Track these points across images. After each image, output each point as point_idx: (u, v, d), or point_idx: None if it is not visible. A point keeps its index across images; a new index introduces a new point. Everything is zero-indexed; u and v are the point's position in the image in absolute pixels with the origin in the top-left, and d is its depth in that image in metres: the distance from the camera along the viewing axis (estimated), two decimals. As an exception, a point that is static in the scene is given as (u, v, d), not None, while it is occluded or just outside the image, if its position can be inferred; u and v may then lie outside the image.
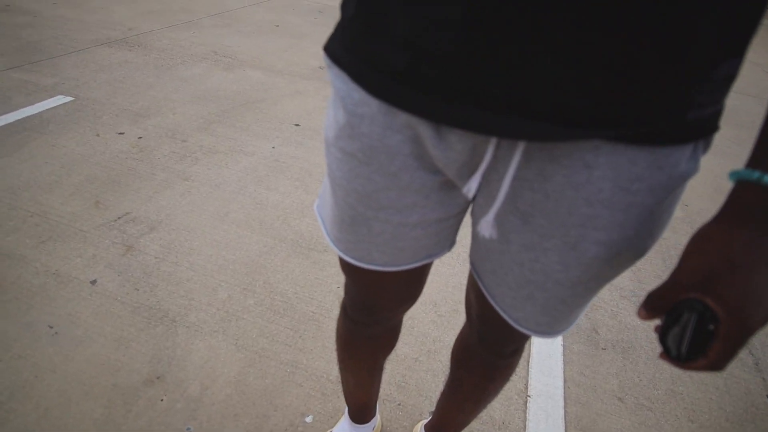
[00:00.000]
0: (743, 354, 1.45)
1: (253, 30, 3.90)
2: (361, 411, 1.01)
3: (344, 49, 0.45)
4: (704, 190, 2.36)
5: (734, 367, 1.40)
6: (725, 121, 3.26)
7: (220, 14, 4.22)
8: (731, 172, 0.37)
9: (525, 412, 1.20)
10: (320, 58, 3.46)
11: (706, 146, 0.43)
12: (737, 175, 0.37)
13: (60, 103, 2.39)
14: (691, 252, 0.38)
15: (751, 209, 0.35)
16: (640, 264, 1.78)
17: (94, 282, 1.42)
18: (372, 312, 0.71)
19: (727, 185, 2.44)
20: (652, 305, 0.40)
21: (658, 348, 1.43)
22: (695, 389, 1.32)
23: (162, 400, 1.13)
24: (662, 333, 0.40)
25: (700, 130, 0.40)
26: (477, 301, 0.63)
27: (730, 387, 1.34)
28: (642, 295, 1.63)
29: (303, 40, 3.81)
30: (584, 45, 0.34)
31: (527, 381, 1.28)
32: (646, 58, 0.34)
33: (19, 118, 2.22)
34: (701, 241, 0.37)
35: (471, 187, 0.46)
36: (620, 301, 1.60)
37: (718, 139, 2.98)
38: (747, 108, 3.59)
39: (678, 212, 2.13)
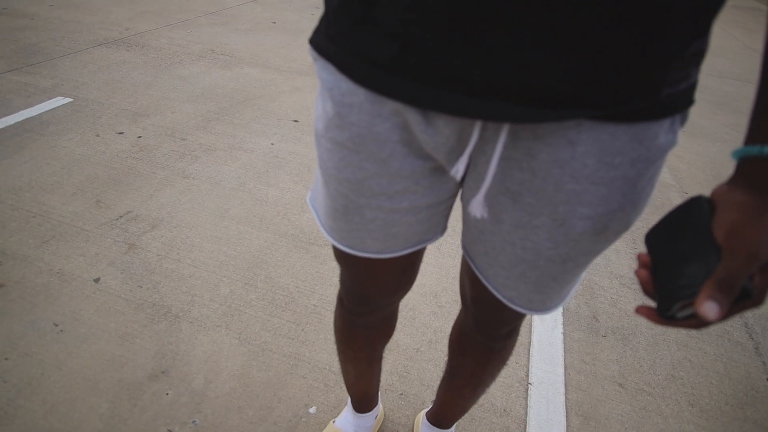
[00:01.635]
0: (743, 338, 1.46)
1: (250, 27, 3.90)
2: (363, 401, 1.02)
3: (330, 41, 0.46)
4: (704, 177, 2.36)
5: (734, 351, 1.41)
6: (723, 108, 3.26)
7: (216, 12, 4.22)
8: (733, 152, 0.39)
9: (526, 399, 1.22)
10: (317, 54, 3.46)
11: (683, 119, 0.44)
12: (740, 153, 0.38)
13: (59, 104, 2.40)
14: (749, 232, 0.36)
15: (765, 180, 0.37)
16: (640, 250, 1.79)
17: (97, 280, 1.43)
18: (368, 301, 0.72)
19: (726, 172, 2.44)
20: (728, 295, 0.36)
21: (657, 333, 1.44)
22: (695, 374, 1.33)
23: (167, 394, 1.14)
24: (674, 295, 0.39)
25: (676, 105, 0.41)
26: (471, 284, 0.64)
27: (730, 371, 1.35)
28: (642, 282, 1.64)
29: (300, 37, 3.81)
30: (564, 31, 0.35)
31: (528, 369, 1.29)
32: (623, 43, 0.36)
33: (19, 120, 2.23)
34: (757, 222, 0.36)
35: (459, 168, 0.48)
36: (620, 288, 1.60)
37: (717, 125, 2.98)
38: (745, 94, 3.58)
39: (677, 199, 2.14)
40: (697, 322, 0.39)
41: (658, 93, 0.39)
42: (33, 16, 3.62)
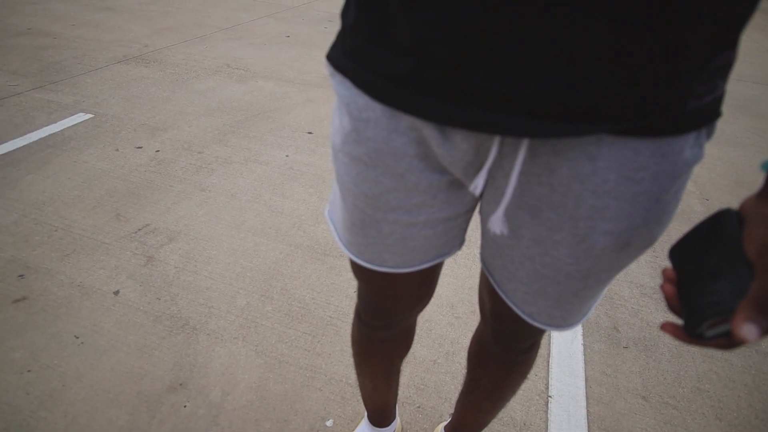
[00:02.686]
0: (772, 349, 1.41)
1: (264, 41, 3.96)
2: (381, 414, 1.01)
3: (346, 57, 0.46)
4: (725, 183, 2.31)
5: (763, 362, 1.36)
6: (744, 113, 3.19)
7: (232, 28, 4.30)
8: (763, 163, 0.37)
9: (546, 412, 1.19)
10: (331, 66, 3.49)
11: (710, 133, 0.43)
12: None
13: (80, 120, 2.46)
14: None
15: None
16: (661, 260, 1.75)
17: (116, 292, 1.45)
18: (386, 315, 0.72)
19: (748, 178, 2.38)
20: (766, 316, 0.33)
21: (681, 344, 1.40)
22: (722, 387, 1.28)
23: (185, 406, 1.15)
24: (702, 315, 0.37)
25: (701, 118, 0.40)
26: (489, 298, 0.63)
27: (759, 384, 1.30)
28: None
29: (313, 50, 3.85)
30: (584, 43, 0.34)
31: (548, 381, 1.27)
32: (645, 55, 0.35)
33: (43, 136, 2.29)
34: None
35: (478, 185, 0.47)
36: (641, 298, 1.57)
37: (738, 130, 2.92)
38: (766, 98, 3.51)
39: (698, 206, 2.09)
40: (727, 342, 0.37)
41: (682, 106, 0.38)
42: (56, 35, 3.73)
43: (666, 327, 0.40)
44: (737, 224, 0.38)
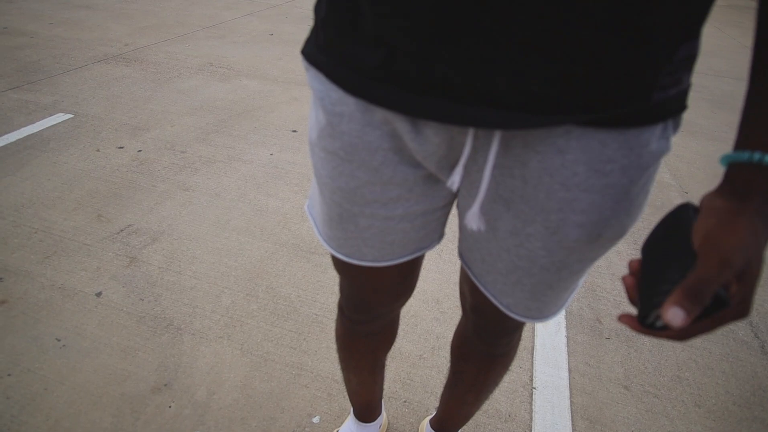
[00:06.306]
0: (749, 337, 1.45)
1: (247, 40, 3.93)
2: (367, 410, 1.01)
3: (319, 51, 0.47)
4: (704, 176, 2.36)
5: (740, 350, 1.40)
6: (722, 108, 3.26)
7: (214, 26, 4.25)
8: (722, 157, 0.38)
9: (531, 404, 1.21)
10: (315, 65, 3.48)
11: (676, 125, 0.44)
12: (728, 159, 0.38)
13: (60, 120, 2.42)
14: (722, 238, 0.35)
15: (752, 187, 0.36)
16: (639, 252, 1.78)
17: (99, 294, 1.43)
18: (368, 309, 0.72)
19: (727, 171, 2.44)
20: (696, 302, 0.34)
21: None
22: (701, 374, 1.32)
23: (170, 406, 1.14)
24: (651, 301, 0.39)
25: (667, 110, 0.41)
26: (470, 292, 0.64)
27: (737, 371, 1.33)
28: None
29: (297, 48, 3.83)
30: (550, 35, 0.35)
31: (532, 373, 1.28)
32: (609, 46, 0.35)
33: (21, 137, 2.25)
34: (732, 228, 0.36)
35: (455, 180, 0.47)
36: (622, 290, 1.60)
37: (715, 124, 2.98)
38: (743, 93, 3.58)
39: (678, 199, 2.13)
40: (678, 334, 0.38)
41: (648, 97, 0.39)
42: (33, 34, 3.66)
43: (623, 318, 0.41)
44: (693, 217, 0.39)
